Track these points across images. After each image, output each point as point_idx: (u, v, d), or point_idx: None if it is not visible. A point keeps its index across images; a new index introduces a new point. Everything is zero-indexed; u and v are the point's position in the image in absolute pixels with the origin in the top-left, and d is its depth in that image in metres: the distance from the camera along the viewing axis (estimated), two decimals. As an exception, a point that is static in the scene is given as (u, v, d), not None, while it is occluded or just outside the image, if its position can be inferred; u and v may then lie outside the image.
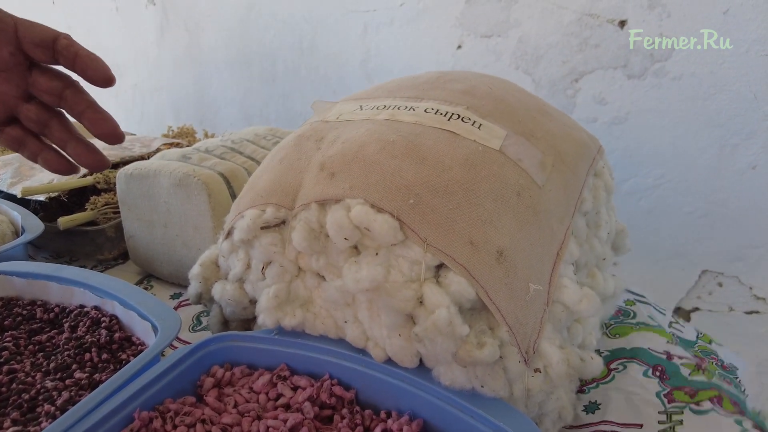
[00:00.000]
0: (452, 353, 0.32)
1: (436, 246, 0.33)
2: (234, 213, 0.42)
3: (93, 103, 0.36)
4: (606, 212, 0.49)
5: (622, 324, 0.51)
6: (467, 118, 0.40)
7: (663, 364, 0.44)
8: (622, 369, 0.44)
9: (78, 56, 0.34)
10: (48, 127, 0.37)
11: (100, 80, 0.35)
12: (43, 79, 0.36)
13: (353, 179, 0.36)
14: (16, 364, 0.41)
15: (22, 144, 0.37)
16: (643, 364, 0.44)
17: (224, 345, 0.40)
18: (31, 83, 0.36)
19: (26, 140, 0.37)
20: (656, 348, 0.46)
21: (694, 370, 0.43)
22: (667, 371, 0.43)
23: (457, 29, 1.02)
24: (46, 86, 0.36)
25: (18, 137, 0.37)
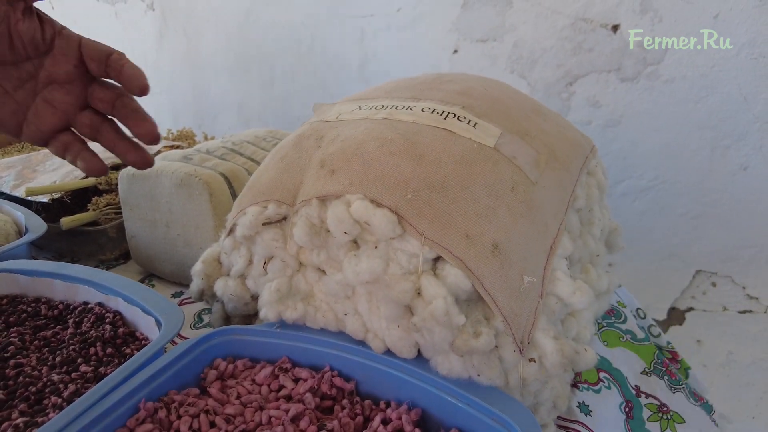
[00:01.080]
0: (449, 342, 0.33)
1: (434, 239, 0.34)
2: (236, 210, 0.43)
3: (138, 108, 0.40)
4: (599, 210, 0.50)
5: (612, 327, 0.53)
6: (463, 117, 0.41)
7: (633, 402, 0.46)
8: (607, 386, 0.46)
9: (123, 68, 0.38)
10: (100, 132, 0.40)
11: (135, 89, 0.38)
12: (100, 90, 0.39)
13: (353, 176, 0.37)
14: (23, 359, 0.42)
15: (69, 148, 0.40)
16: (620, 396, 0.46)
17: (227, 338, 0.41)
18: (90, 94, 0.39)
19: (72, 144, 0.40)
20: (632, 379, 0.48)
21: (653, 414, 0.45)
22: (634, 410, 0.45)
23: (453, 34, 1.03)
24: (103, 96, 0.39)
25: (67, 142, 0.40)
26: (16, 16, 0.35)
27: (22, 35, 0.35)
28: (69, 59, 0.38)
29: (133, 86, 0.38)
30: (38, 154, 0.82)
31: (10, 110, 0.38)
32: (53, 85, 0.38)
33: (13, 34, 0.35)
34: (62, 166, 0.76)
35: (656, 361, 0.51)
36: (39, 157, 0.80)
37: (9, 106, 0.38)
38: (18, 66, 0.37)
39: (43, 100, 0.38)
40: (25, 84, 0.38)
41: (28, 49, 0.36)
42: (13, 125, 0.38)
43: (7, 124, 0.38)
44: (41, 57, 0.37)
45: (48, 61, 0.37)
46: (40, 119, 0.38)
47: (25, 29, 0.35)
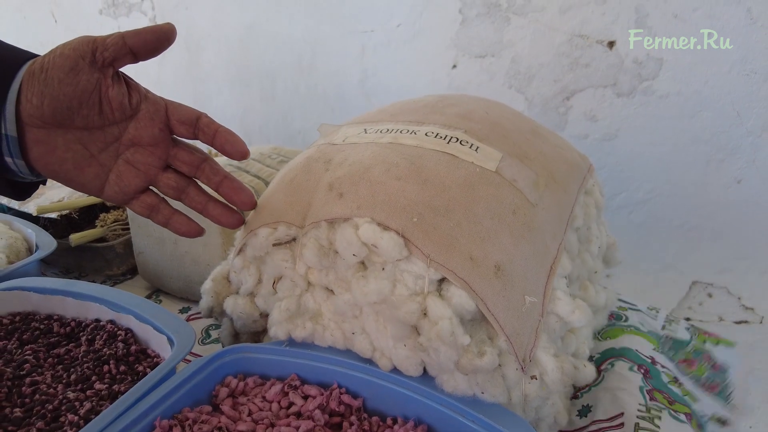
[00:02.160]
0: (454, 362, 0.34)
1: (439, 261, 0.35)
2: (246, 231, 0.45)
3: (228, 174, 0.41)
4: (597, 228, 0.52)
5: (613, 327, 0.54)
6: (465, 141, 0.43)
7: (647, 366, 0.46)
8: (610, 368, 0.47)
9: (218, 133, 0.39)
10: (185, 193, 0.41)
11: (237, 154, 0.40)
12: (184, 153, 0.40)
13: (360, 199, 0.38)
14: (38, 377, 0.43)
15: (155, 210, 0.41)
16: (629, 361, 0.47)
17: (237, 356, 0.42)
18: (172, 156, 0.40)
19: (159, 206, 0.41)
20: (643, 351, 0.49)
21: (671, 381, 0.46)
22: (651, 372, 0.46)
23: (452, 50, 1.05)
24: (187, 159, 0.41)
25: (152, 204, 0.41)
26: (106, 83, 0.36)
27: (112, 101, 0.36)
28: (155, 123, 0.38)
29: (234, 151, 0.39)
30: (45, 170, 0.83)
31: (93, 173, 0.38)
32: (136, 146, 0.39)
33: (104, 100, 0.36)
34: (69, 182, 0.77)
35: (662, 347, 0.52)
36: (46, 173, 0.82)
37: (93, 168, 0.38)
38: (104, 130, 0.38)
39: (126, 162, 0.39)
40: (109, 146, 0.38)
41: (117, 114, 0.37)
42: (96, 186, 0.39)
43: (90, 185, 0.39)
44: (127, 121, 0.38)
45: (132, 125, 0.38)
46: (122, 180, 0.39)
47: (114, 95, 0.36)
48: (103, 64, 0.35)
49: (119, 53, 0.36)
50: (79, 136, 0.37)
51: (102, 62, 0.35)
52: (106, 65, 0.36)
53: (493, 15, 1.02)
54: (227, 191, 0.41)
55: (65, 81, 0.35)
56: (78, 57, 0.35)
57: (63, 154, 0.37)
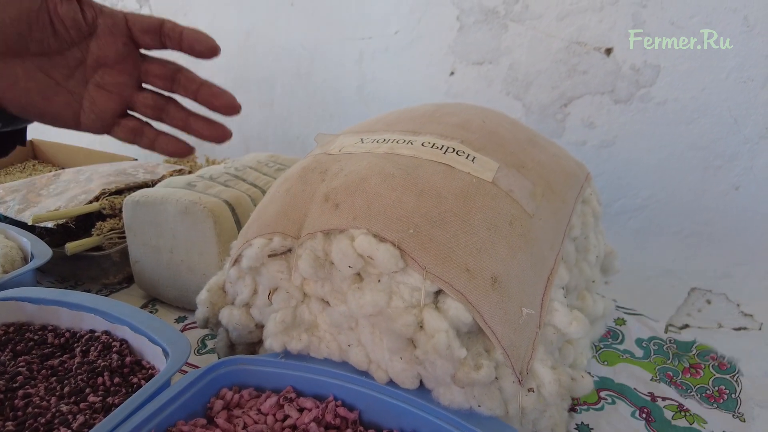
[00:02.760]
0: (451, 375, 0.34)
1: (435, 273, 0.35)
2: (242, 241, 0.45)
3: (205, 81, 0.38)
4: (594, 237, 0.52)
5: (610, 348, 0.54)
6: (462, 151, 0.42)
7: (648, 407, 0.46)
8: (611, 402, 0.47)
9: (183, 34, 0.36)
10: (164, 111, 0.39)
11: (207, 51, 0.37)
12: (155, 66, 0.38)
13: (356, 210, 0.38)
14: (31, 389, 0.43)
15: (139, 133, 0.39)
16: (631, 405, 0.46)
17: (232, 368, 0.42)
18: (144, 72, 0.38)
19: (143, 129, 0.39)
20: (641, 388, 0.49)
21: (676, 413, 0.46)
22: (653, 414, 0.46)
23: (450, 56, 1.06)
24: (160, 72, 0.38)
25: (135, 127, 0.39)
26: (53, 1, 0.34)
27: (64, 19, 0.34)
28: (116, 38, 0.36)
29: (203, 48, 0.36)
30: (42, 178, 0.83)
31: (63, 101, 0.37)
32: (103, 68, 0.37)
33: (54, 19, 0.34)
34: (66, 190, 0.77)
35: (660, 374, 0.52)
36: (43, 181, 0.81)
37: (62, 97, 0.36)
38: (64, 54, 0.36)
39: (96, 86, 0.37)
40: (75, 72, 0.36)
41: (72, 33, 0.35)
42: (70, 117, 0.37)
43: (64, 116, 0.37)
44: (86, 40, 0.36)
45: (94, 44, 0.36)
46: (96, 106, 0.37)
47: (65, 12, 0.34)
48: None
49: None
50: (38, 63, 0.36)
51: None
52: None
53: (491, 22, 1.02)
54: (206, 97, 0.38)
55: (7, 3, 0.33)
56: None
57: (25, 84, 0.35)
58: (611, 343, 0.56)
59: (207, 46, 0.36)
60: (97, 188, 0.73)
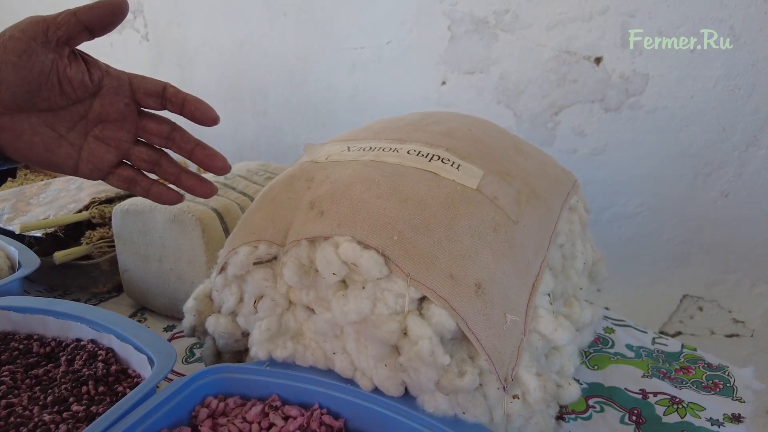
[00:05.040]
0: (435, 382, 0.34)
1: (419, 280, 0.35)
2: (228, 249, 0.44)
3: (200, 142, 0.41)
4: (582, 244, 0.52)
5: (600, 353, 0.54)
6: (447, 159, 0.43)
7: (639, 406, 0.46)
8: (599, 410, 0.46)
9: (186, 101, 0.39)
10: (158, 165, 0.41)
11: (207, 121, 0.39)
12: (153, 124, 0.40)
13: (341, 217, 0.38)
14: (14, 398, 0.42)
15: (133, 182, 0.41)
16: (620, 409, 0.46)
17: (218, 377, 0.42)
18: (141, 128, 0.40)
19: (137, 178, 0.41)
20: (632, 387, 0.48)
21: (669, 407, 0.46)
22: (643, 413, 0.46)
23: (441, 66, 1.06)
24: (156, 130, 0.40)
25: (129, 176, 0.41)
26: (63, 63, 0.35)
27: (71, 80, 0.36)
28: (120, 98, 0.38)
29: (202, 118, 0.39)
30: (32, 187, 0.83)
31: (64, 153, 0.38)
32: (104, 123, 0.39)
33: (63, 80, 0.36)
34: (56, 199, 0.76)
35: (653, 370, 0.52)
36: (33, 190, 0.81)
37: (64, 148, 0.38)
38: (68, 109, 0.38)
39: (95, 138, 0.39)
40: (76, 125, 0.38)
41: (78, 92, 0.37)
42: (70, 166, 0.39)
43: (63, 165, 0.39)
44: (91, 98, 0.38)
45: (97, 102, 0.38)
46: (94, 156, 0.39)
47: (73, 74, 0.36)
48: (57, 43, 0.35)
49: (73, 31, 0.35)
50: (44, 118, 0.37)
51: (56, 42, 0.35)
52: (61, 44, 0.35)
53: (482, 32, 1.03)
54: (201, 158, 0.40)
55: (19, 65, 0.34)
56: (29, 39, 0.34)
57: (31, 137, 0.37)
58: (602, 348, 0.55)
59: (208, 116, 0.39)
60: (86, 197, 0.73)
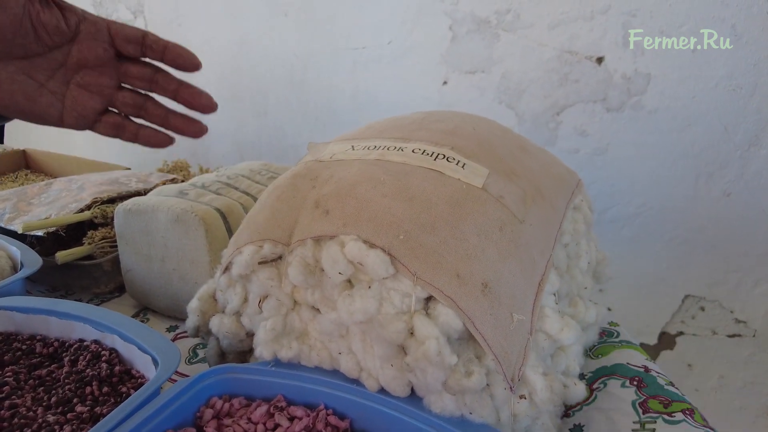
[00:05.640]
0: (442, 382, 0.34)
1: (425, 279, 0.35)
2: (232, 248, 0.44)
3: (183, 81, 0.40)
4: (586, 243, 0.52)
5: (605, 344, 0.54)
6: (452, 158, 0.43)
7: (641, 376, 0.46)
8: (602, 387, 0.46)
9: (167, 48, 0.38)
10: (144, 109, 0.41)
11: (190, 66, 0.39)
12: (135, 68, 0.40)
13: (346, 216, 0.38)
14: (17, 399, 0.42)
15: (121, 128, 0.41)
16: (621, 377, 0.46)
17: (222, 377, 0.41)
18: (123, 73, 0.40)
19: (124, 124, 0.41)
20: (635, 363, 0.48)
21: (668, 383, 0.45)
22: (645, 380, 0.45)
23: (443, 66, 1.06)
24: (139, 73, 0.40)
25: (116, 122, 0.40)
26: (35, 8, 0.35)
27: (46, 25, 0.36)
28: (98, 43, 0.38)
29: (187, 64, 0.38)
30: (33, 187, 0.82)
31: (46, 102, 0.38)
32: (84, 69, 0.38)
33: (36, 25, 0.35)
34: (58, 199, 0.76)
35: None
36: (34, 190, 0.81)
37: (45, 97, 0.38)
38: (45, 56, 0.37)
39: (77, 85, 0.38)
40: (56, 73, 0.38)
41: (54, 38, 0.36)
42: (54, 115, 0.39)
43: (47, 115, 0.39)
44: (68, 44, 0.37)
45: (75, 47, 0.38)
46: (78, 104, 0.39)
47: (47, 19, 0.36)
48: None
49: None
50: (20, 66, 0.37)
51: None
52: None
53: (483, 32, 1.03)
54: (185, 97, 0.40)
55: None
56: None
57: (9, 86, 0.37)
58: (606, 340, 0.55)
59: (190, 62, 0.39)
60: (88, 197, 0.73)
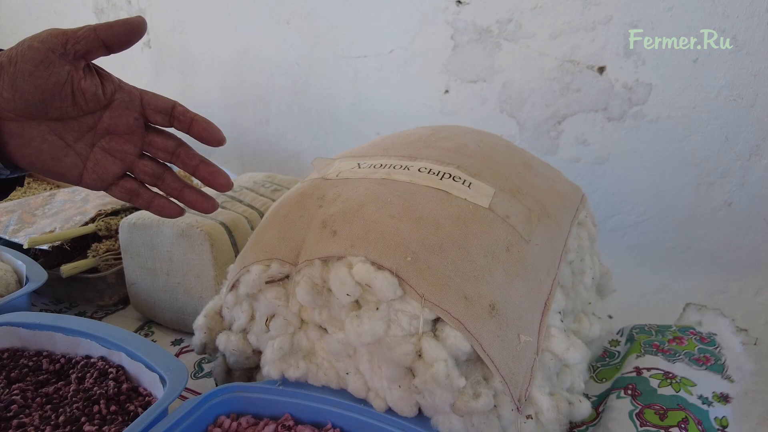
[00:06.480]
0: (450, 404, 0.34)
1: (433, 301, 0.35)
2: (239, 266, 0.45)
3: (204, 158, 0.42)
4: (590, 258, 0.52)
5: (607, 366, 0.54)
6: (458, 177, 0.43)
7: (633, 382, 0.46)
8: (604, 407, 0.47)
9: (194, 121, 0.40)
10: (161, 179, 0.42)
11: (213, 141, 0.40)
12: (159, 139, 0.41)
13: (354, 237, 0.38)
14: (25, 418, 0.42)
15: (136, 194, 0.42)
16: (617, 389, 0.46)
17: (230, 396, 0.42)
18: (148, 143, 0.41)
19: (140, 191, 0.42)
20: (627, 369, 0.49)
21: (662, 381, 0.46)
22: (638, 387, 0.46)
23: (444, 75, 1.07)
24: (162, 145, 0.41)
25: (132, 189, 0.42)
26: (78, 75, 0.36)
27: (85, 93, 0.37)
28: (130, 112, 0.39)
29: (210, 139, 0.40)
30: (37, 198, 0.83)
31: (71, 162, 0.39)
32: (111, 135, 0.40)
33: (77, 92, 0.37)
34: (61, 211, 0.76)
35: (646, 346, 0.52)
36: (38, 201, 0.81)
37: (70, 158, 0.39)
38: (78, 120, 0.38)
39: (102, 150, 0.40)
40: (85, 135, 0.39)
41: (90, 104, 0.38)
42: (75, 175, 0.40)
43: (69, 174, 0.40)
44: (102, 110, 0.39)
45: (108, 114, 0.39)
46: (99, 167, 0.40)
47: (87, 87, 0.37)
48: (75, 56, 0.36)
49: (91, 46, 0.36)
50: (53, 127, 0.38)
51: (73, 54, 0.35)
52: (78, 58, 0.36)
53: (485, 41, 1.03)
54: (204, 175, 0.41)
55: (35, 74, 0.35)
56: (48, 50, 0.35)
57: (39, 145, 0.38)
58: (609, 362, 0.56)
59: (215, 137, 0.40)
60: (92, 209, 0.73)
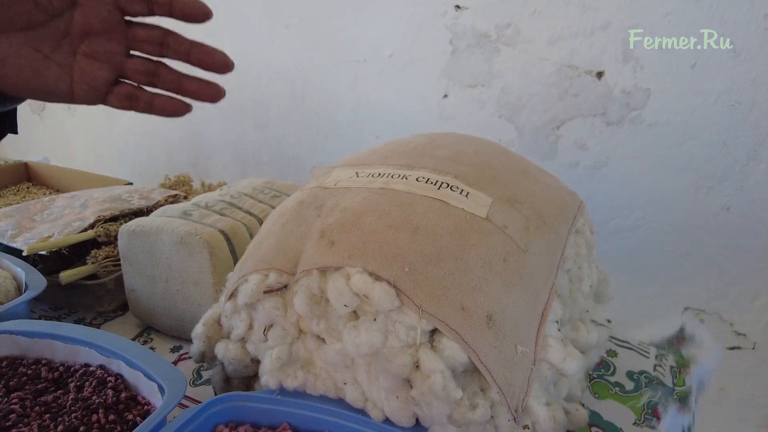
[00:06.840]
0: (447, 415, 0.34)
1: (430, 312, 0.36)
2: (237, 275, 0.45)
3: (195, 41, 0.38)
4: (588, 266, 0.52)
5: (602, 379, 0.54)
6: (456, 186, 0.43)
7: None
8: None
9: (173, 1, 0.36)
10: (157, 75, 0.39)
11: (200, 16, 0.36)
12: (142, 32, 0.37)
13: (352, 248, 0.38)
14: (24, 427, 0.42)
15: (134, 98, 0.39)
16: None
17: (228, 405, 0.42)
18: (132, 38, 0.38)
19: (137, 93, 0.39)
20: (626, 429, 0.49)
21: None
22: None
23: (443, 80, 1.07)
24: (148, 37, 0.37)
25: (129, 93, 0.39)
26: None
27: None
28: (101, 6, 0.36)
29: (197, 13, 0.36)
30: (36, 203, 0.83)
31: (54, 75, 0.36)
32: (90, 37, 0.36)
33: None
34: (61, 216, 0.77)
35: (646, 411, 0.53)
36: (37, 206, 0.81)
37: (52, 70, 0.36)
38: (48, 26, 0.35)
39: (84, 55, 0.37)
40: (61, 43, 0.36)
41: (54, 3, 0.35)
42: (63, 90, 0.37)
43: (57, 90, 0.37)
44: (70, 9, 0.36)
45: (78, 12, 0.36)
46: (87, 75, 0.37)
47: None
48: None
49: None
50: (24, 38, 0.35)
51: None
52: None
53: (483, 46, 1.03)
54: (199, 56, 0.38)
55: None
56: None
57: (15, 60, 0.35)
58: (603, 374, 0.56)
59: (200, 11, 0.36)
60: (91, 215, 0.73)
